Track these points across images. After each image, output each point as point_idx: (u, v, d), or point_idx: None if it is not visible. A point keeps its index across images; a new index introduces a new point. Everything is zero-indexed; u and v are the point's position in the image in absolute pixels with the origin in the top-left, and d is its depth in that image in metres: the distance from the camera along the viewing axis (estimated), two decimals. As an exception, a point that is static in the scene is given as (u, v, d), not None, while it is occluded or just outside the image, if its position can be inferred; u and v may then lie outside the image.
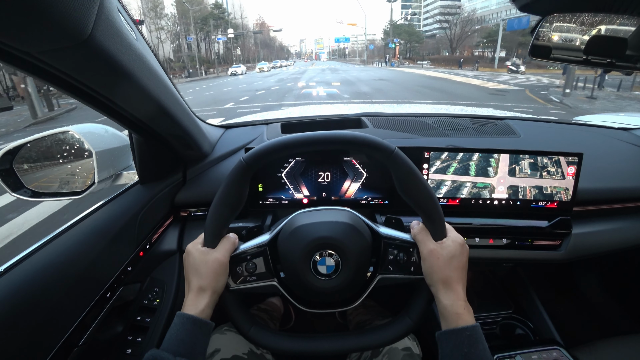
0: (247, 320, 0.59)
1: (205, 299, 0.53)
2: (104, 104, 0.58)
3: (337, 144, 0.55)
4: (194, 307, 0.52)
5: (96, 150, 0.76)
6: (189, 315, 0.51)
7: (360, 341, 0.59)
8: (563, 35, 0.73)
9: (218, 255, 0.55)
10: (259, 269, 0.59)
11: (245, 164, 0.53)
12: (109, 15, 0.43)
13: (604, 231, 0.97)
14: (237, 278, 0.58)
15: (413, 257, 0.58)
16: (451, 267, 0.53)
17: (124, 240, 0.75)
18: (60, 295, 0.57)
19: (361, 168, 0.89)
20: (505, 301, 1.24)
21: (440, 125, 1.15)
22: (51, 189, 0.80)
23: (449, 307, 0.52)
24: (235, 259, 0.58)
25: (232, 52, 58.90)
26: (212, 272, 0.54)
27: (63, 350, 0.56)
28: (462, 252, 0.55)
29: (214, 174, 0.98)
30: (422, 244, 0.56)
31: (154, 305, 0.83)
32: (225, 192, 0.54)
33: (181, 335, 0.50)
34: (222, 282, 0.56)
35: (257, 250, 0.59)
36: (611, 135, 1.24)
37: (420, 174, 0.54)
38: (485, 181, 0.89)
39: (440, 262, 0.53)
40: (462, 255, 0.55)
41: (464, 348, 0.48)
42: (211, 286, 0.54)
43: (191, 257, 0.56)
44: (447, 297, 0.53)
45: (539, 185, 0.88)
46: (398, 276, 0.59)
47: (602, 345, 0.83)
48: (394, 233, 0.60)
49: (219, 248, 0.56)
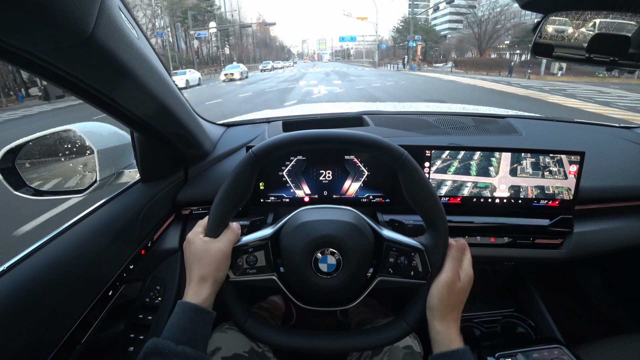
0: (244, 312, 0.59)
1: (207, 289, 0.53)
2: (105, 103, 0.58)
3: (347, 143, 0.55)
4: (195, 296, 0.52)
5: (98, 148, 0.76)
6: (191, 304, 0.51)
7: (355, 341, 0.59)
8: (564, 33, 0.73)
9: (221, 245, 0.54)
10: (260, 262, 0.59)
11: (255, 156, 0.54)
12: (110, 13, 0.43)
13: (605, 230, 0.97)
14: (237, 270, 0.58)
15: (414, 261, 0.58)
16: (457, 300, 0.55)
17: (126, 238, 0.75)
18: (63, 293, 0.58)
19: (362, 166, 0.89)
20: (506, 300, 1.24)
21: (442, 124, 1.15)
22: (53, 187, 0.80)
23: (442, 333, 0.53)
24: (236, 251, 0.58)
25: (220, 51, 52.03)
26: (214, 262, 0.54)
27: (66, 348, 0.57)
28: (469, 288, 0.56)
29: (216, 172, 0.98)
30: (446, 270, 0.56)
31: (156, 303, 0.83)
32: (233, 182, 0.54)
33: (182, 323, 0.49)
34: (224, 272, 0.55)
35: (259, 243, 0.59)
36: (613, 133, 1.23)
37: (428, 180, 0.54)
38: (486, 180, 0.89)
39: (453, 295, 0.54)
40: (468, 291, 0.56)
41: None
42: (213, 276, 0.54)
43: (193, 246, 0.55)
44: (443, 324, 0.54)
45: (541, 183, 0.88)
46: (397, 279, 0.59)
47: (603, 344, 0.83)
48: (397, 237, 0.60)
49: (222, 238, 0.56)
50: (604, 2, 0.60)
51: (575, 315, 1.33)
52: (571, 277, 1.42)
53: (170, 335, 0.48)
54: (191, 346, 0.48)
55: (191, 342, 0.48)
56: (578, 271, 1.42)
